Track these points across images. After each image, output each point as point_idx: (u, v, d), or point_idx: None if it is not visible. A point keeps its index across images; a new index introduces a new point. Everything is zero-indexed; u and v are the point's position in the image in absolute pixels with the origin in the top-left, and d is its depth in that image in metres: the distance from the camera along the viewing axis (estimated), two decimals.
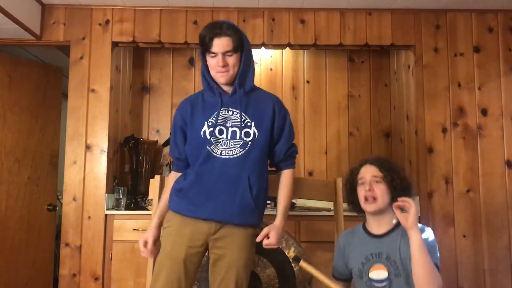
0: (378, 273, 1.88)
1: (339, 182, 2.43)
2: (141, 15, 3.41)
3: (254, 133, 2.01)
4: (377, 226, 1.95)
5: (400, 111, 3.82)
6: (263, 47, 3.53)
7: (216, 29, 1.96)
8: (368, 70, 4.14)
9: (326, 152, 4.02)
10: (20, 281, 3.63)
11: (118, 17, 3.40)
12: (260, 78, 4.09)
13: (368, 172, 1.96)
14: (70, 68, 3.37)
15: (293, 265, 2.27)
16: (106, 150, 3.31)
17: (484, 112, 3.33)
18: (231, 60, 1.99)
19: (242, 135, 1.99)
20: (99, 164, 3.30)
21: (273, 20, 3.41)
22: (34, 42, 3.39)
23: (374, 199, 1.91)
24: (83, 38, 3.38)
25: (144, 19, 3.40)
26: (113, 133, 3.45)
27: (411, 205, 1.79)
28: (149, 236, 2.09)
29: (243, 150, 1.98)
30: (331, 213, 2.56)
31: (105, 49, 3.38)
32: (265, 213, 2.93)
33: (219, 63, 1.97)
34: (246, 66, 2.06)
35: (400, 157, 3.74)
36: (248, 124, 2.01)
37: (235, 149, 1.98)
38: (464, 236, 3.23)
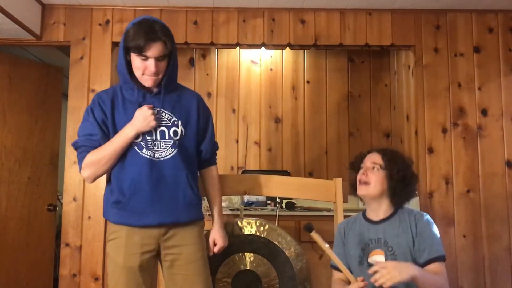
0: (377, 257, 1.89)
1: (339, 182, 2.43)
2: (141, 15, 3.36)
3: (182, 131, 1.98)
4: (375, 213, 1.97)
5: (400, 111, 3.83)
6: (263, 47, 3.53)
7: (151, 33, 1.85)
8: (368, 70, 4.14)
9: (326, 152, 4.03)
10: (20, 281, 3.63)
11: (118, 17, 3.40)
12: (260, 78, 4.10)
13: (370, 158, 1.98)
14: (70, 68, 3.37)
15: (293, 265, 2.27)
16: None
17: (484, 112, 3.33)
18: (162, 65, 1.92)
19: (171, 134, 1.96)
20: None
21: (273, 20, 3.41)
22: (34, 42, 3.39)
23: (366, 183, 1.93)
24: (83, 38, 3.38)
25: None
26: None
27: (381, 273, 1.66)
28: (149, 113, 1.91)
29: (174, 149, 1.94)
30: (331, 213, 2.56)
31: (105, 49, 3.38)
32: (265, 213, 2.93)
33: (152, 68, 1.88)
34: (174, 69, 2.01)
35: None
36: (175, 122, 1.98)
37: (167, 150, 1.94)
38: (464, 236, 3.23)
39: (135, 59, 1.90)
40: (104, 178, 3.25)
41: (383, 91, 4.10)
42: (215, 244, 2.09)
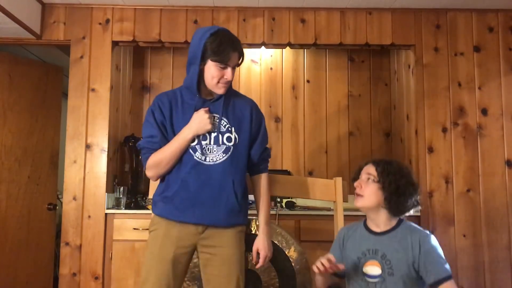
0: (372, 268, 1.89)
1: (339, 182, 2.43)
2: (141, 14, 3.41)
3: (235, 137, 2.04)
4: (374, 223, 1.96)
5: (400, 111, 3.83)
6: (263, 47, 3.53)
7: (234, 43, 1.99)
8: (368, 70, 4.14)
9: (326, 152, 4.03)
10: (20, 280, 3.63)
11: (118, 17, 3.40)
12: (260, 77, 4.10)
13: (365, 170, 1.98)
14: (70, 68, 3.37)
15: (293, 264, 2.27)
16: (106, 150, 3.31)
17: (484, 111, 3.33)
18: (234, 74, 2.04)
19: (225, 140, 2.02)
20: (99, 164, 3.30)
21: (273, 20, 3.41)
22: (34, 41, 3.39)
23: (361, 196, 1.93)
24: (83, 38, 3.38)
25: (144, 18, 3.40)
26: (113, 133, 3.45)
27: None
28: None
29: (226, 155, 2.01)
30: (331, 213, 2.56)
31: (105, 48, 3.38)
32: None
33: (229, 77, 2.00)
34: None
35: (400, 156, 3.74)
36: (229, 129, 2.04)
37: (218, 155, 2.00)
38: (464, 236, 3.23)
39: (212, 68, 1.98)
40: (102, 177, 3.27)
41: (383, 91, 4.10)
42: (258, 253, 2.10)
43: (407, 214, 1.95)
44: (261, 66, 4.10)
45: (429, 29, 3.41)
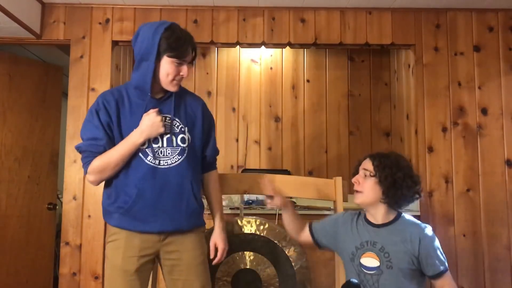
0: (370, 260, 1.90)
1: (339, 181, 2.43)
2: (141, 14, 3.41)
3: (189, 138, 1.96)
4: (373, 217, 1.98)
5: (400, 110, 3.83)
6: (263, 46, 3.52)
7: (188, 38, 1.92)
8: (368, 69, 4.14)
9: (326, 151, 4.03)
10: (20, 280, 3.63)
11: (118, 16, 3.40)
12: (260, 77, 4.10)
13: (362, 165, 1.99)
14: (70, 67, 3.37)
15: (292, 264, 2.27)
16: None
17: (484, 111, 3.33)
18: (190, 71, 1.98)
19: (179, 141, 1.94)
20: None
21: (273, 19, 3.41)
22: (34, 41, 3.39)
23: (360, 192, 1.95)
24: (83, 37, 3.38)
25: (144, 18, 3.40)
26: None
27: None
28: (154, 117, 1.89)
29: (181, 157, 1.92)
30: (331, 212, 2.56)
31: (105, 48, 3.38)
32: (265, 212, 2.94)
33: (185, 73, 1.93)
34: None
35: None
36: (182, 129, 1.96)
37: (173, 157, 1.91)
38: (464, 236, 3.23)
39: (168, 64, 1.89)
40: None
41: (383, 90, 4.10)
42: (216, 248, 2.07)
43: (407, 206, 1.96)
44: (261, 66, 4.10)
45: (429, 29, 3.41)
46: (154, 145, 1.89)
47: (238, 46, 3.61)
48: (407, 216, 1.98)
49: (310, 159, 4.02)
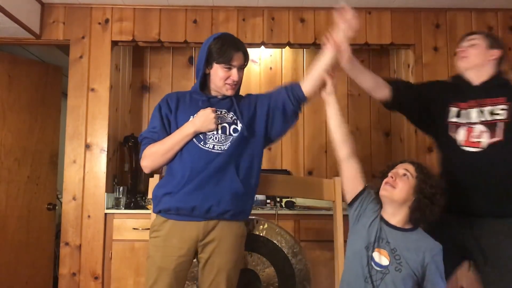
0: (381, 257, 1.88)
1: (338, 182, 2.42)
2: (140, 14, 3.41)
3: (242, 128, 2.04)
4: (391, 217, 1.93)
5: None
6: (262, 46, 3.52)
7: (237, 44, 2.04)
8: (368, 69, 4.13)
9: (326, 151, 4.03)
10: (20, 280, 3.64)
11: (117, 16, 3.40)
12: (259, 77, 4.10)
13: (403, 166, 1.95)
14: (69, 67, 3.37)
15: (292, 264, 2.27)
16: (106, 149, 3.31)
17: None
18: (241, 75, 2.07)
19: (231, 131, 2.03)
20: (99, 163, 3.30)
21: (273, 19, 3.41)
22: (34, 41, 3.39)
23: (392, 186, 1.89)
24: (83, 37, 3.38)
25: (144, 18, 3.40)
26: (112, 132, 3.45)
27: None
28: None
29: (231, 144, 2.01)
30: (331, 212, 2.56)
31: (104, 48, 3.38)
32: (265, 212, 2.93)
33: (235, 77, 2.02)
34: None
35: (400, 156, 3.74)
36: (235, 121, 2.06)
37: (226, 144, 2.00)
38: None
39: (218, 70, 2.02)
40: (102, 177, 3.27)
41: None
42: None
43: (423, 222, 1.93)
44: (261, 66, 4.10)
45: (429, 29, 3.41)
46: (209, 132, 2.00)
47: None
48: (423, 231, 1.95)
49: (309, 159, 4.02)
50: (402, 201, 1.89)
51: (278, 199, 3.50)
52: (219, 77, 2.03)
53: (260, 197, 3.56)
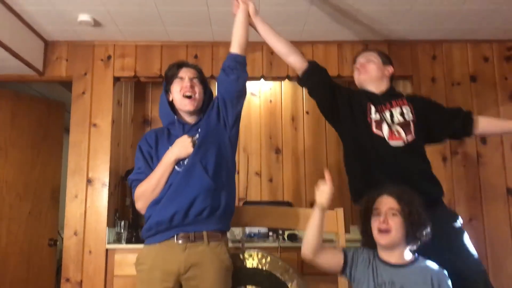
0: None
1: (341, 213, 2.42)
2: (142, 50, 3.47)
3: (198, 132, 2.12)
4: (387, 255, 1.92)
5: None
6: (262, 79, 3.57)
7: (182, 62, 2.22)
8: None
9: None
10: None
11: (119, 53, 3.46)
12: (260, 109, 4.13)
13: (385, 204, 1.91)
14: (72, 103, 3.41)
15: None
16: (107, 184, 3.31)
17: (483, 140, 3.35)
18: (197, 85, 2.15)
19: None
20: (100, 198, 3.30)
21: (272, 53, 3.47)
22: (37, 78, 3.44)
23: (388, 231, 1.88)
24: (85, 74, 3.43)
25: (146, 54, 3.46)
26: (114, 167, 3.46)
27: None
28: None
29: (195, 147, 2.07)
30: (334, 244, 2.54)
31: (107, 84, 3.42)
32: (267, 245, 2.90)
33: (187, 83, 2.11)
34: (207, 96, 2.22)
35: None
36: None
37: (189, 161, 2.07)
38: None
39: (174, 87, 2.15)
40: (103, 212, 3.25)
41: None
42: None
43: (420, 243, 1.92)
44: (261, 99, 4.15)
45: (426, 60, 3.46)
46: (183, 163, 2.06)
47: None
48: (424, 258, 1.93)
49: (311, 190, 4.00)
50: (400, 239, 1.88)
51: (280, 232, 3.47)
52: (176, 92, 2.13)
53: (262, 229, 3.54)
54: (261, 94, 4.15)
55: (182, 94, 2.11)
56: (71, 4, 2.90)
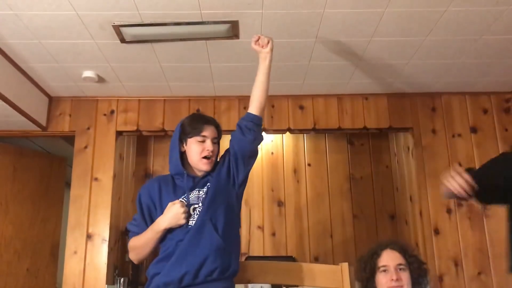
0: None
1: (346, 267, 2.36)
2: (145, 105, 3.51)
3: (208, 186, 2.06)
4: None
5: (403, 192, 3.81)
6: (263, 132, 3.59)
7: (206, 118, 2.13)
8: (368, 152, 4.18)
9: (331, 236, 3.96)
10: None
11: (122, 107, 3.50)
12: (261, 162, 4.13)
13: (392, 259, 1.94)
14: (74, 158, 3.41)
15: None
16: (107, 239, 3.26)
17: None
18: (216, 148, 2.09)
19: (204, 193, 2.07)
20: (100, 254, 3.23)
21: (273, 107, 3.51)
22: (40, 133, 3.46)
23: (401, 286, 1.90)
24: (88, 128, 3.45)
25: (148, 108, 3.50)
26: (114, 222, 3.41)
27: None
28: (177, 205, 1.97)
29: (204, 203, 2.01)
30: None
31: (109, 138, 3.44)
32: None
33: (209, 147, 2.04)
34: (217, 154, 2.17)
35: (406, 239, 3.67)
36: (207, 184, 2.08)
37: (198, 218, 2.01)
38: None
39: (193, 145, 2.06)
40: (103, 268, 3.18)
41: (385, 173, 4.11)
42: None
43: None
44: (262, 151, 4.15)
45: (425, 112, 3.49)
46: (193, 213, 2.00)
47: None
48: None
49: (315, 244, 3.94)
50: None
51: None
52: (195, 152, 2.04)
53: (265, 286, 3.44)
54: (262, 146, 4.17)
55: (200, 156, 2.05)
56: (76, 61, 2.96)
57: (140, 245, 2.03)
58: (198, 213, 1.99)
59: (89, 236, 3.26)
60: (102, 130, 3.46)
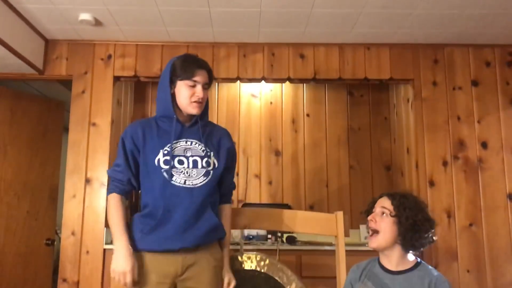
0: None
1: (340, 216, 2.40)
2: (142, 50, 3.46)
3: (214, 162, 2.06)
4: (388, 260, 1.89)
5: (400, 144, 3.83)
6: (263, 81, 3.56)
7: (199, 61, 2.05)
8: (368, 104, 4.17)
9: (327, 186, 4.01)
10: None
11: (120, 52, 3.45)
12: (260, 111, 4.12)
13: (380, 203, 1.90)
14: (71, 102, 3.40)
15: None
16: (106, 184, 3.29)
17: (484, 145, 3.34)
18: (206, 93, 2.06)
19: (204, 164, 2.03)
20: (99, 198, 3.28)
21: (273, 55, 3.46)
22: (37, 76, 3.43)
23: (376, 232, 1.86)
24: (85, 73, 3.42)
25: (146, 54, 3.45)
26: None
27: None
28: (128, 268, 1.91)
29: (206, 178, 2.02)
30: (333, 248, 2.53)
31: (106, 83, 3.41)
32: (266, 248, 2.90)
33: (199, 94, 2.01)
34: (207, 103, 2.15)
35: (401, 190, 3.72)
36: (208, 153, 2.05)
37: (198, 178, 2.00)
38: (468, 271, 3.18)
39: (182, 88, 2.01)
40: (101, 212, 3.24)
41: (383, 124, 4.12)
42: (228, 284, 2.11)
43: (420, 250, 1.88)
44: (261, 101, 4.13)
45: (427, 64, 3.45)
46: (179, 166, 1.99)
47: (238, 81, 3.65)
48: (427, 265, 1.89)
49: (310, 193, 4.00)
50: (391, 242, 1.84)
51: (279, 234, 3.46)
52: (184, 96, 2.01)
53: (261, 232, 3.52)
54: (261, 95, 4.14)
55: (190, 100, 2.01)
56: (72, 3, 2.88)
57: (109, 221, 2.04)
58: (191, 168, 2.00)
59: (87, 181, 3.29)
60: (99, 74, 3.42)
